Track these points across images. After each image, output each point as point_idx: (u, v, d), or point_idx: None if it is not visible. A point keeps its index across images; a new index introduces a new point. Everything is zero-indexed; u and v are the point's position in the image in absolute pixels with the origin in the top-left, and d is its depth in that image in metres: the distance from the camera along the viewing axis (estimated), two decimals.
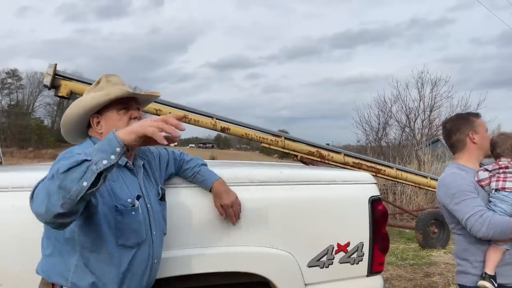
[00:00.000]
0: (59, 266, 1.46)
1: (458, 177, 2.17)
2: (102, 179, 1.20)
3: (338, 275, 2.12)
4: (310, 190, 2.14)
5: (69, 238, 1.45)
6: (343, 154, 6.89)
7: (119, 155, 1.22)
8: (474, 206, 2.05)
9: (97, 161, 1.19)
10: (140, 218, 1.55)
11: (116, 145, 1.22)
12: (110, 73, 1.69)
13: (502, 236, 2.02)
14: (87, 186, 1.17)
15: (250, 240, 1.96)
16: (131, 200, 1.53)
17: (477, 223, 2.02)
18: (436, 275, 5.23)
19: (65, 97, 5.43)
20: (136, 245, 1.53)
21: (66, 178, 1.17)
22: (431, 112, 19.24)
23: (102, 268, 1.46)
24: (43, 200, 1.20)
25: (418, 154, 13.35)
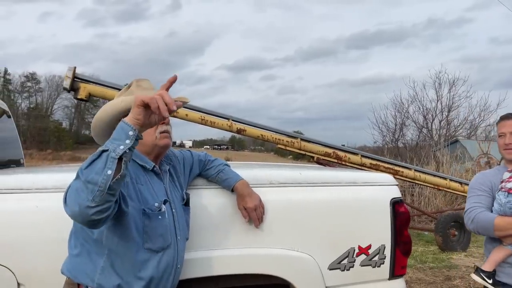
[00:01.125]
0: (86, 267, 1.47)
1: (479, 176, 2.31)
2: (123, 165, 1.24)
3: (359, 278, 2.08)
4: (330, 191, 2.11)
5: (97, 240, 1.46)
6: (360, 155, 6.83)
7: (133, 138, 1.26)
8: (472, 202, 2.18)
9: (114, 148, 1.23)
10: (166, 223, 1.56)
11: (127, 129, 1.27)
12: (140, 78, 1.73)
13: (486, 232, 2.13)
14: (111, 174, 1.21)
15: (270, 242, 1.94)
16: (158, 204, 1.55)
17: (466, 217, 2.18)
18: (457, 278, 5.13)
19: (84, 100, 5.51)
20: (162, 250, 1.54)
21: (91, 172, 1.22)
22: (449, 112, 18.96)
23: (128, 271, 1.47)
24: (75, 199, 1.23)
25: (436, 155, 13.13)
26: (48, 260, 1.68)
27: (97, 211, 1.23)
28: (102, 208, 1.24)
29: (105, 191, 1.21)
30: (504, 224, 2.02)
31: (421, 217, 9.37)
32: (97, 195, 1.21)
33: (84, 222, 1.27)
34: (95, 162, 1.22)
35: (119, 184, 1.26)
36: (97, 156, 1.23)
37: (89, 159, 1.24)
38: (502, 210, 2.05)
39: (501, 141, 2.21)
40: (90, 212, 1.22)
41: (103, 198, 1.22)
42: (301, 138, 6.50)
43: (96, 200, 1.21)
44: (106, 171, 1.21)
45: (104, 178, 1.20)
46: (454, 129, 19.14)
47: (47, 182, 1.77)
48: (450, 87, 18.79)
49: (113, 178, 1.21)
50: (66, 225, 1.65)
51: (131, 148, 1.25)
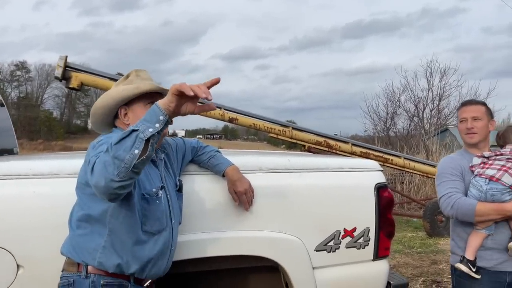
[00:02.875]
0: (88, 245, 1.55)
1: (448, 160, 2.33)
2: (150, 146, 1.30)
3: (345, 259, 2.18)
4: (317, 177, 2.20)
5: (100, 220, 1.54)
6: (350, 143, 6.95)
7: (162, 123, 1.32)
8: (448, 187, 2.19)
9: (144, 129, 1.29)
10: (163, 207, 1.64)
11: (159, 114, 1.32)
12: (139, 69, 1.79)
13: (466, 218, 2.13)
14: (138, 153, 1.28)
15: (260, 225, 2.03)
16: (155, 189, 1.63)
17: (445, 203, 2.18)
18: (443, 262, 5.29)
19: (76, 89, 5.54)
20: (158, 232, 1.62)
21: (119, 148, 1.29)
22: (440, 101, 19.11)
23: (128, 251, 1.55)
24: (101, 171, 1.31)
25: (426, 144, 13.32)
26: (46, 243, 1.75)
27: (120, 186, 1.31)
28: (125, 183, 1.32)
29: (130, 168, 1.28)
30: (486, 210, 2.07)
31: (411, 204, 9.57)
32: (122, 171, 1.28)
33: (106, 193, 1.35)
34: (124, 140, 1.29)
35: (143, 164, 1.32)
36: (127, 134, 1.30)
37: (119, 136, 1.31)
38: (483, 197, 2.10)
39: (462, 126, 2.29)
40: (114, 185, 1.30)
41: (127, 175, 1.29)
42: (292, 127, 6.60)
43: (120, 176, 1.29)
44: (133, 150, 1.28)
45: (130, 156, 1.27)
46: (445, 118, 19.33)
47: (43, 168, 1.83)
48: (441, 76, 18.93)
49: (139, 158, 1.28)
50: (62, 210, 1.74)
51: (159, 132, 1.31)
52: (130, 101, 1.70)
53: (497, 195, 2.06)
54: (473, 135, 2.25)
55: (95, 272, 1.53)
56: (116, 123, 1.76)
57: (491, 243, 2.13)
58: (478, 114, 2.25)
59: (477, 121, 2.25)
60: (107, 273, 1.54)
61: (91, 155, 1.45)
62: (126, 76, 1.79)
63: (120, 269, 1.54)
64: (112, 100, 1.69)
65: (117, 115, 1.74)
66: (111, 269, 1.53)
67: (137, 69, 1.78)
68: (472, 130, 2.25)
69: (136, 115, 1.68)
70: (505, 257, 2.12)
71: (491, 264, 2.13)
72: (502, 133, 2.28)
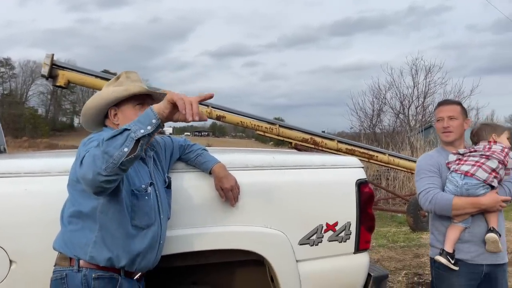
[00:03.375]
0: (79, 241, 1.60)
1: (426, 157, 2.43)
2: (139, 147, 1.37)
3: (327, 252, 2.27)
4: (301, 174, 2.28)
5: (90, 216, 1.60)
6: (336, 140, 7.06)
7: (154, 126, 1.39)
8: (426, 183, 2.29)
9: (136, 130, 1.37)
10: (151, 203, 1.71)
11: (152, 117, 1.40)
12: (129, 70, 1.86)
13: (443, 212, 2.23)
14: (127, 152, 1.35)
15: (245, 220, 2.11)
16: (144, 186, 1.70)
17: (423, 198, 2.28)
18: (425, 256, 5.44)
19: (63, 87, 5.53)
20: (147, 227, 1.69)
21: (110, 145, 1.36)
22: (425, 98, 19.40)
23: (118, 245, 1.61)
24: (90, 164, 1.38)
25: (411, 140, 13.54)
26: (37, 239, 1.81)
27: (106, 180, 1.38)
28: (111, 178, 1.38)
29: (117, 165, 1.35)
30: (462, 204, 2.18)
31: (395, 200, 9.75)
32: (109, 166, 1.35)
33: (92, 186, 1.41)
34: (116, 137, 1.37)
35: (131, 163, 1.39)
36: (119, 132, 1.38)
37: (112, 133, 1.39)
38: (458, 191, 2.21)
39: (439, 125, 2.39)
40: (101, 179, 1.37)
41: (114, 171, 1.36)
42: (279, 124, 6.68)
43: (107, 170, 1.36)
44: (123, 148, 1.35)
45: (120, 153, 1.34)
46: (430, 115, 19.62)
47: (34, 167, 1.89)
48: (426, 73, 19.23)
49: (128, 156, 1.35)
50: (53, 207, 1.80)
51: (150, 134, 1.39)
52: (120, 102, 1.76)
53: (472, 189, 2.17)
54: (449, 133, 2.36)
55: (87, 266, 1.59)
56: (106, 122, 1.83)
57: (468, 236, 2.24)
58: (454, 114, 2.36)
59: (453, 120, 2.35)
60: (99, 267, 1.60)
61: (81, 151, 1.51)
62: (116, 78, 1.85)
63: (111, 262, 1.60)
64: (103, 101, 1.75)
65: (107, 115, 1.80)
66: (102, 262, 1.59)
67: (127, 71, 1.84)
68: (448, 129, 2.35)
69: (125, 116, 1.75)
70: (482, 250, 2.22)
71: (469, 256, 2.24)
72: (476, 130, 2.39)
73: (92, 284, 1.56)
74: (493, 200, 2.16)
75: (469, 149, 2.31)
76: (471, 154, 2.26)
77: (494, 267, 2.25)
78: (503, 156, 2.18)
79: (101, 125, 1.85)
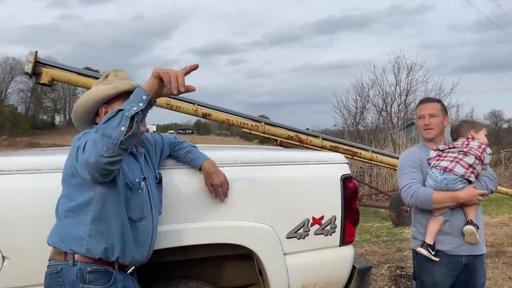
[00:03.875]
0: (75, 234, 1.63)
1: (408, 154, 2.52)
2: (135, 124, 1.43)
3: (314, 245, 2.35)
4: (287, 169, 2.35)
5: (85, 208, 1.63)
6: (321, 138, 7.15)
7: (146, 101, 1.45)
8: (408, 178, 2.38)
9: (129, 108, 1.43)
10: (144, 197, 1.76)
11: (142, 94, 1.46)
12: (118, 69, 1.89)
13: (424, 206, 2.33)
14: (124, 130, 1.40)
15: (234, 215, 2.17)
16: (138, 180, 1.75)
17: (405, 193, 2.36)
18: (407, 249, 5.58)
19: (47, 85, 5.46)
20: (139, 220, 1.74)
21: (107, 127, 1.42)
22: (407, 96, 19.77)
23: (113, 236, 1.65)
24: (92, 148, 1.43)
25: (394, 137, 13.78)
26: (29, 236, 1.83)
27: (109, 162, 1.43)
28: (114, 160, 1.43)
29: (117, 144, 1.40)
30: (442, 198, 2.27)
31: (378, 196, 9.93)
32: (110, 147, 1.40)
33: (96, 169, 1.45)
34: (112, 119, 1.42)
35: (130, 141, 1.44)
36: (114, 114, 1.43)
37: (107, 116, 1.44)
38: (438, 186, 2.30)
39: (421, 122, 2.47)
40: (104, 161, 1.42)
41: (115, 151, 1.41)
42: (265, 122, 6.73)
43: (109, 152, 1.41)
44: (120, 127, 1.40)
45: (117, 133, 1.40)
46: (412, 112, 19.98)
47: (26, 164, 1.91)
48: (408, 71, 19.60)
49: (125, 134, 1.40)
50: (45, 203, 1.83)
51: (143, 111, 1.44)
52: (109, 100, 1.79)
53: (450, 184, 2.27)
54: (430, 130, 2.45)
55: (82, 260, 1.62)
56: (97, 120, 1.86)
57: (448, 228, 2.33)
58: (435, 111, 2.45)
59: (433, 118, 2.44)
60: (94, 260, 1.63)
61: (79, 143, 1.55)
62: (105, 76, 1.89)
63: (107, 254, 1.64)
64: (92, 99, 1.79)
65: (98, 113, 1.84)
66: (98, 254, 1.63)
67: (115, 69, 1.88)
68: (429, 126, 2.44)
69: None
70: (461, 241, 2.32)
71: (449, 248, 2.34)
72: (456, 127, 2.49)
73: (88, 278, 1.60)
74: (470, 194, 2.26)
75: (448, 145, 2.41)
76: (450, 150, 2.35)
77: (473, 258, 2.35)
78: (480, 152, 2.28)
79: (92, 124, 1.88)
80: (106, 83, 1.83)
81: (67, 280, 1.59)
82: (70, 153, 1.64)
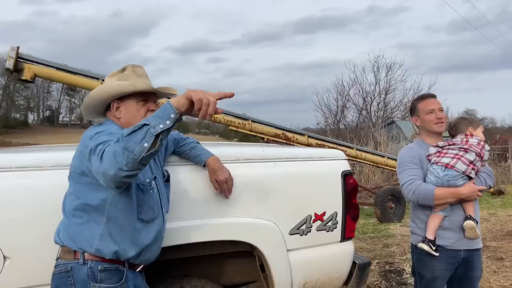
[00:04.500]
0: (85, 234, 1.59)
1: (408, 150, 2.52)
2: (159, 142, 1.38)
3: (316, 242, 2.35)
4: (290, 166, 2.34)
5: (98, 208, 1.58)
6: (307, 136, 7.20)
7: (173, 120, 1.40)
8: (409, 175, 2.39)
9: (155, 125, 1.38)
10: (155, 197, 1.72)
11: (170, 111, 1.41)
12: (135, 64, 1.82)
13: (426, 202, 2.35)
14: (147, 147, 1.36)
15: (239, 212, 2.15)
16: (149, 180, 1.70)
17: (407, 189, 2.37)
18: (393, 245, 5.68)
19: (29, 81, 5.31)
20: (152, 220, 1.70)
21: (130, 140, 1.36)
22: (386, 95, 20.11)
23: (125, 238, 1.61)
24: (111, 160, 1.37)
25: (374, 136, 13.99)
26: (31, 234, 1.77)
27: (127, 175, 1.38)
28: (132, 173, 1.38)
29: (138, 160, 1.36)
30: (443, 194, 2.30)
31: (362, 193, 10.04)
32: (130, 162, 1.35)
33: (113, 181, 1.41)
34: (136, 133, 1.37)
35: (150, 157, 1.39)
36: (139, 127, 1.38)
37: (131, 129, 1.39)
38: (439, 182, 2.32)
39: (431, 116, 2.46)
40: (122, 174, 1.37)
41: (135, 166, 1.36)
42: (252, 120, 6.73)
43: (128, 166, 1.36)
44: (143, 143, 1.35)
45: (140, 148, 1.35)
46: (391, 111, 20.36)
47: (26, 161, 1.84)
48: (387, 71, 19.94)
49: (148, 151, 1.36)
50: (46, 201, 1.78)
51: (169, 129, 1.40)
52: (123, 96, 1.74)
53: (452, 180, 2.31)
54: (442, 124, 2.47)
55: (92, 259, 1.58)
56: (107, 114, 1.80)
57: (448, 224, 2.37)
58: (441, 106, 2.49)
59: (442, 112, 2.48)
60: (104, 259, 1.59)
61: (91, 144, 1.49)
62: (121, 70, 1.82)
63: (117, 255, 1.60)
64: (106, 93, 1.73)
65: (108, 107, 1.78)
66: (109, 255, 1.59)
67: (133, 65, 1.81)
68: (441, 120, 2.46)
69: (127, 111, 1.74)
70: (460, 236, 2.36)
71: (448, 242, 2.37)
72: (454, 124, 2.53)
73: (99, 277, 1.55)
74: (471, 190, 2.30)
75: (448, 142, 2.45)
76: (450, 147, 2.39)
77: (471, 252, 2.40)
78: (479, 149, 2.33)
79: (101, 116, 1.83)
80: (122, 78, 1.76)
81: (77, 279, 1.55)
82: (80, 151, 1.59)
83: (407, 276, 4.39)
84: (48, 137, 35.58)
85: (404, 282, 4.25)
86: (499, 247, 5.56)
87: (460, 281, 2.45)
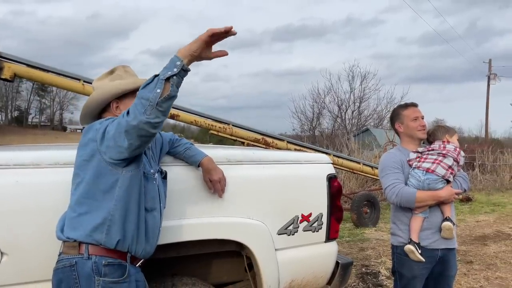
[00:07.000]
0: (94, 220, 1.61)
1: (389, 156, 2.66)
2: (171, 86, 1.52)
3: (302, 241, 2.45)
4: (278, 168, 2.44)
5: (108, 191, 1.62)
6: (286, 141, 7.32)
7: (179, 67, 1.53)
8: (392, 179, 2.53)
9: (164, 73, 1.53)
10: (157, 188, 1.79)
11: (175, 60, 1.54)
12: (125, 65, 1.90)
13: (408, 204, 2.48)
14: (160, 92, 1.50)
15: (230, 212, 2.22)
16: (153, 171, 1.77)
17: (390, 192, 2.51)
18: (369, 249, 5.85)
19: (8, 80, 5.22)
20: (152, 210, 1.76)
21: (145, 90, 1.53)
22: (360, 103, 20.57)
23: (128, 227, 1.66)
24: (133, 111, 1.53)
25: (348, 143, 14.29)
26: (29, 231, 1.79)
27: (148, 122, 1.51)
28: (152, 121, 1.50)
29: (154, 105, 1.49)
30: (424, 196, 2.44)
31: None
32: (148, 109, 1.50)
33: (136, 129, 1.52)
34: (149, 85, 1.53)
35: (166, 103, 1.52)
36: (150, 80, 1.54)
37: (145, 82, 1.55)
38: (420, 185, 2.46)
39: (415, 124, 2.61)
40: (143, 120, 1.50)
41: (153, 112, 1.50)
42: (232, 124, 6.80)
43: (147, 113, 1.50)
44: (156, 90, 1.50)
45: (154, 95, 1.49)
46: (365, 119, 20.83)
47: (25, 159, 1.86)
48: (361, 80, 20.41)
49: (161, 96, 1.50)
50: (45, 198, 1.81)
51: (177, 75, 1.52)
52: (122, 95, 1.80)
53: (432, 184, 2.46)
54: (424, 131, 2.65)
55: (97, 253, 1.61)
56: (104, 116, 1.85)
57: (427, 225, 2.51)
58: (423, 114, 2.66)
59: (424, 120, 2.65)
60: (108, 252, 1.62)
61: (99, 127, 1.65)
62: (110, 72, 1.88)
63: (122, 243, 1.64)
64: (108, 93, 1.79)
65: (104, 109, 1.84)
66: (114, 243, 1.62)
67: (123, 65, 1.89)
68: (424, 127, 2.64)
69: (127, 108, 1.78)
70: (438, 236, 2.50)
71: (427, 242, 2.51)
72: (432, 131, 2.69)
73: (103, 271, 1.58)
74: (449, 193, 2.46)
75: (426, 148, 2.61)
76: (429, 152, 2.55)
77: (447, 251, 2.55)
78: (456, 154, 2.50)
79: (95, 119, 1.86)
80: (115, 78, 1.82)
81: (82, 273, 1.57)
82: (84, 142, 1.66)
83: (382, 278, 4.56)
84: (17, 138, 34.55)
85: (380, 284, 4.41)
86: (468, 251, 5.81)
87: (436, 280, 2.59)
